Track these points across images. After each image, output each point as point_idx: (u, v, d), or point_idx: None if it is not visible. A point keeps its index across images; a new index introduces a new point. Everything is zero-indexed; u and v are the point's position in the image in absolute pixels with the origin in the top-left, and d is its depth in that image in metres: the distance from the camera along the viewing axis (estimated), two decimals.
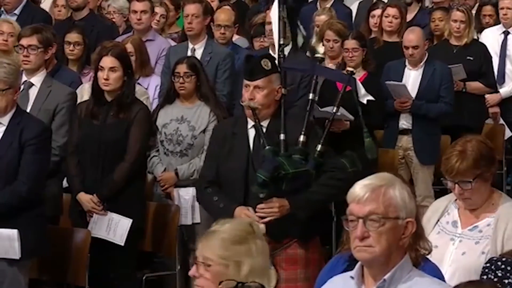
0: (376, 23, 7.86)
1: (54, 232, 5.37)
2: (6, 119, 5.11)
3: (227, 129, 4.95)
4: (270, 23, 6.43)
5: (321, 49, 7.54)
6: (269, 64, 4.81)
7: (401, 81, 6.96)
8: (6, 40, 6.63)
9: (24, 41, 5.85)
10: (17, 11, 7.59)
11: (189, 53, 6.82)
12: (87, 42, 6.93)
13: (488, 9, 8.37)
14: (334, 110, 5.15)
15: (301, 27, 5.25)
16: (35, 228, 5.06)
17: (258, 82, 4.77)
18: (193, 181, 5.91)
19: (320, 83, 6.71)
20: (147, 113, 5.76)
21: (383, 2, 8.32)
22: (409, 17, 8.34)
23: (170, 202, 6.04)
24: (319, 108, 6.64)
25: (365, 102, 6.02)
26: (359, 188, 2.96)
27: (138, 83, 6.35)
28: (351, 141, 6.62)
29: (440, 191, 6.82)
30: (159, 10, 7.89)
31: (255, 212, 4.68)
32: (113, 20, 8.17)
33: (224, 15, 7.38)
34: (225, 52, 6.93)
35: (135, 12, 7.39)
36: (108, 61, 5.53)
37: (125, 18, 8.26)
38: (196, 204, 5.84)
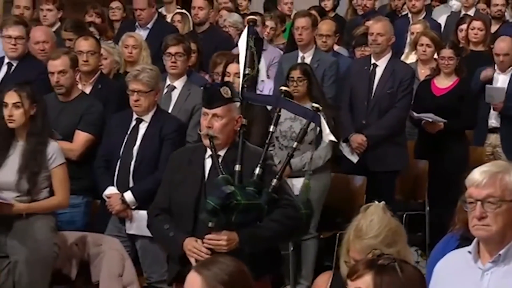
0: (463, 37, 7.88)
1: None
2: (148, 117, 5.31)
3: (184, 157, 4.35)
4: (372, 33, 6.56)
5: (413, 56, 7.68)
6: (229, 92, 4.24)
7: (491, 84, 6.98)
8: (131, 52, 6.80)
9: (172, 49, 6.00)
10: (149, 25, 7.72)
11: (299, 61, 6.92)
12: (201, 50, 7.09)
13: None
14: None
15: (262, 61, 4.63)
16: None
17: (217, 111, 4.20)
18: (304, 173, 6.01)
19: (415, 88, 6.79)
20: (266, 112, 5.87)
21: (470, 16, 8.33)
22: (494, 29, 8.33)
23: None
24: (414, 114, 6.70)
25: (327, 141, 5.52)
26: (478, 174, 3.01)
27: None
28: (446, 140, 6.70)
29: None
30: (269, 23, 8.05)
31: (203, 242, 4.10)
32: (229, 33, 8.34)
33: (325, 26, 7.53)
34: (331, 60, 7.02)
35: None
36: (233, 68, 5.67)
37: (239, 31, 8.42)
38: None
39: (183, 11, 8.38)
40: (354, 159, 6.46)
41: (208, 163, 4.25)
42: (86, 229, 5.35)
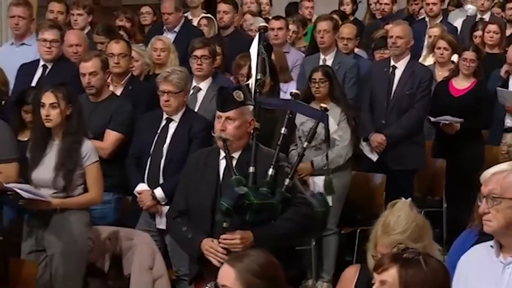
0: (478, 43, 7.89)
1: None
2: (178, 117, 5.36)
3: (199, 159, 4.33)
4: (392, 36, 6.57)
5: (430, 59, 7.69)
6: (242, 95, 4.18)
7: (507, 86, 6.98)
8: (160, 55, 6.83)
9: (198, 52, 6.07)
10: (176, 29, 7.74)
11: (320, 63, 6.94)
12: (225, 52, 7.12)
13: None
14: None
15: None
16: None
17: (230, 113, 4.16)
18: (326, 171, 6.03)
19: (432, 89, 6.80)
20: None
21: (484, 20, 8.35)
22: (508, 32, 8.34)
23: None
24: (431, 118, 6.72)
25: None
26: (489, 172, 3.05)
27: None
28: (463, 140, 6.70)
29: None
30: (291, 27, 8.07)
31: (219, 242, 4.08)
32: (254, 36, 8.35)
33: (347, 29, 7.53)
34: (351, 62, 7.04)
35: (273, 29, 7.57)
36: None
37: None
38: None
39: (209, 15, 8.42)
40: (374, 157, 6.49)
41: (222, 165, 4.23)
42: (117, 225, 5.40)
